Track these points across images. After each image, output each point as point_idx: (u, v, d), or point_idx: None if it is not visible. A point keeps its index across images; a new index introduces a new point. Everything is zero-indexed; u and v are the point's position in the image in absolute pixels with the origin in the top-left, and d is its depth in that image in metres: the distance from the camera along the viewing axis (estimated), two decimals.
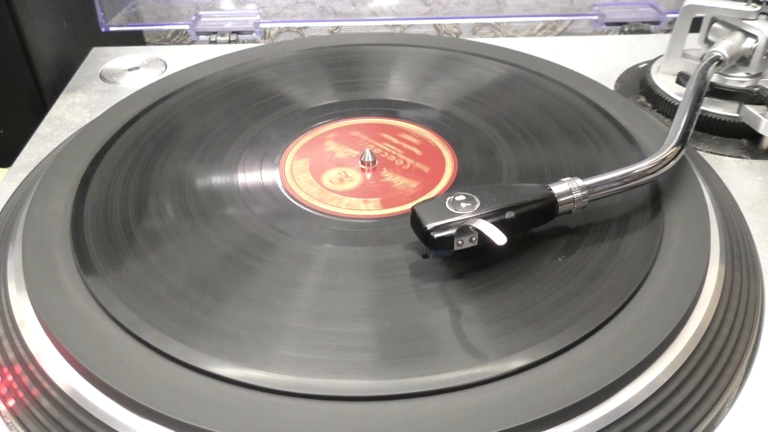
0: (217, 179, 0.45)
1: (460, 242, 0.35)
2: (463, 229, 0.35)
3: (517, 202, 0.37)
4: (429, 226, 0.35)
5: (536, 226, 0.38)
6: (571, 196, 0.38)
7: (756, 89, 0.52)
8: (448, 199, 0.37)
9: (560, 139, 0.48)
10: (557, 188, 0.38)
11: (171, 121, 0.50)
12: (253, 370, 0.31)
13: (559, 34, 0.89)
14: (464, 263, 0.37)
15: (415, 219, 0.36)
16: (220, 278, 0.36)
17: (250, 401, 0.30)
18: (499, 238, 0.33)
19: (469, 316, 0.34)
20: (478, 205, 0.36)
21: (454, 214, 0.36)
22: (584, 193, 0.38)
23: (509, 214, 0.36)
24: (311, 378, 0.31)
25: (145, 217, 0.41)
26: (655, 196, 0.42)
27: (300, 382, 0.30)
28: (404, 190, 0.44)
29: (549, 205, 0.37)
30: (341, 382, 0.31)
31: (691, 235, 0.39)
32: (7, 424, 0.32)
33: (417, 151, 0.48)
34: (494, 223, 0.35)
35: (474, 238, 0.35)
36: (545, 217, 0.38)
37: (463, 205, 0.36)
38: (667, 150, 0.41)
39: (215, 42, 0.73)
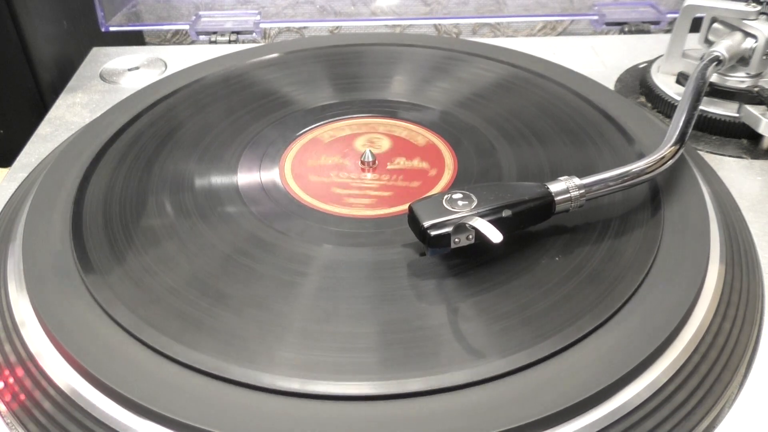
0: (217, 179, 0.45)
1: (456, 240, 0.35)
2: (460, 227, 0.35)
3: (514, 200, 0.37)
4: (426, 224, 0.35)
5: (533, 225, 0.38)
6: (568, 195, 0.38)
7: (756, 89, 0.52)
8: (446, 197, 0.37)
9: (560, 139, 0.48)
10: (554, 187, 0.38)
11: (171, 122, 0.50)
12: (254, 371, 0.31)
13: (559, 34, 0.89)
14: (465, 263, 0.37)
15: (412, 217, 0.36)
16: (220, 279, 0.36)
17: (250, 401, 0.30)
18: (495, 236, 0.33)
19: (469, 316, 0.34)
20: (475, 204, 0.36)
21: (451, 212, 0.36)
22: (581, 192, 0.38)
23: (506, 213, 0.36)
24: (311, 378, 0.31)
25: (145, 217, 0.41)
26: (655, 196, 0.41)
27: (300, 382, 0.30)
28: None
29: (546, 204, 0.37)
30: (342, 382, 0.31)
31: (691, 235, 0.39)
32: (7, 424, 0.32)
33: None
34: (491, 222, 0.35)
35: (471, 236, 0.35)
36: (542, 216, 0.38)
37: (460, 203, 0.36)
38: (666, 149, 0.41)
39: (215, 42, 0.73)
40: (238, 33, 0.73)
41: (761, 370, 0.35)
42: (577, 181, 0.38)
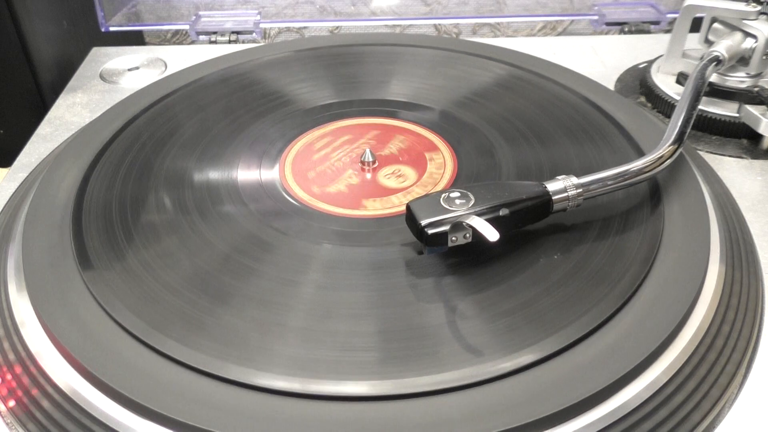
0: (217, 178, 0.45)
1: (454, 238, 0.35)
2: (457, 226, 0.35)
3: (511, 199, 0.37)
4: (423, 223, 0.35)
5: (531, 224, 0.39)
6: (565, 194, 0.38)
7: (756, 89, 0.52)
8: (443, 195, 0.37)
9: (560, 139, 0.48)
10: (552, 186, 0.38)
11: (171, 121, 0.50)
12: (254, 371, 0.31)
13: (559, 34, 0.89)
14: (464, 262, 0.37)
15: (410, 215, 0.36)
16: (220, 278, 0.36)
17: (251, 402, 0.30)
18: (491, 234, 0.33)
19: (469, 316, 0.34)
20: (472, 202, 0.36)
21: (448, 211, 0.36)
22: (579, 191, 0.38)
23: (503, 211, 0.36)
24: (312, 378, 0.31)
25: (145, 217, 0.41)
26: (655, 196, 0.42)
27: (300, 382, 0.30)
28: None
29: (543, 203, 0.38)
30: (342, 382, 0.31)
31: (691, 235, 0.39)
32: (7, 424, 0.32)
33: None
34: (488, 220, 0.35)
35: (468, 235, 0.36)
36: (540, 215, 0.38)
37: (457, 201, 0.36)
38: (664, 148, 0.41)
39: (215, 42, 0.73)
40: (238, 33, 0.73)
41: (761, 370, 0.35)
42: (574, 180, 0.38)
